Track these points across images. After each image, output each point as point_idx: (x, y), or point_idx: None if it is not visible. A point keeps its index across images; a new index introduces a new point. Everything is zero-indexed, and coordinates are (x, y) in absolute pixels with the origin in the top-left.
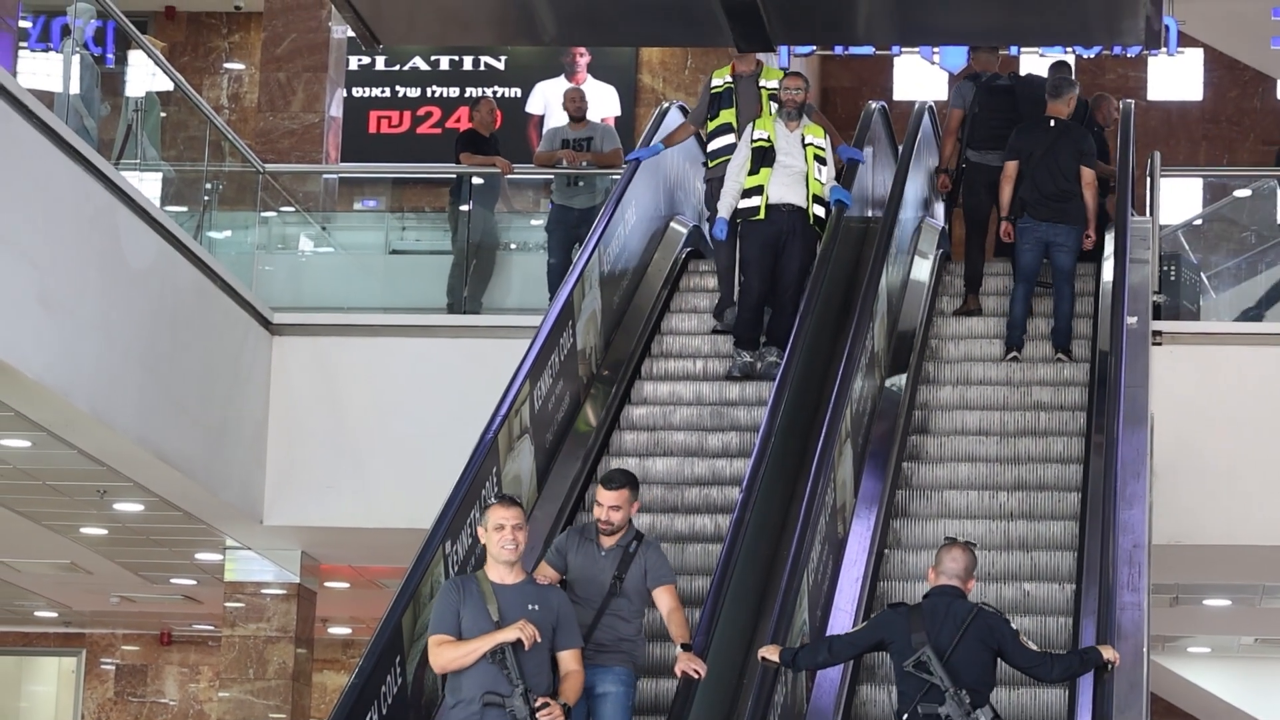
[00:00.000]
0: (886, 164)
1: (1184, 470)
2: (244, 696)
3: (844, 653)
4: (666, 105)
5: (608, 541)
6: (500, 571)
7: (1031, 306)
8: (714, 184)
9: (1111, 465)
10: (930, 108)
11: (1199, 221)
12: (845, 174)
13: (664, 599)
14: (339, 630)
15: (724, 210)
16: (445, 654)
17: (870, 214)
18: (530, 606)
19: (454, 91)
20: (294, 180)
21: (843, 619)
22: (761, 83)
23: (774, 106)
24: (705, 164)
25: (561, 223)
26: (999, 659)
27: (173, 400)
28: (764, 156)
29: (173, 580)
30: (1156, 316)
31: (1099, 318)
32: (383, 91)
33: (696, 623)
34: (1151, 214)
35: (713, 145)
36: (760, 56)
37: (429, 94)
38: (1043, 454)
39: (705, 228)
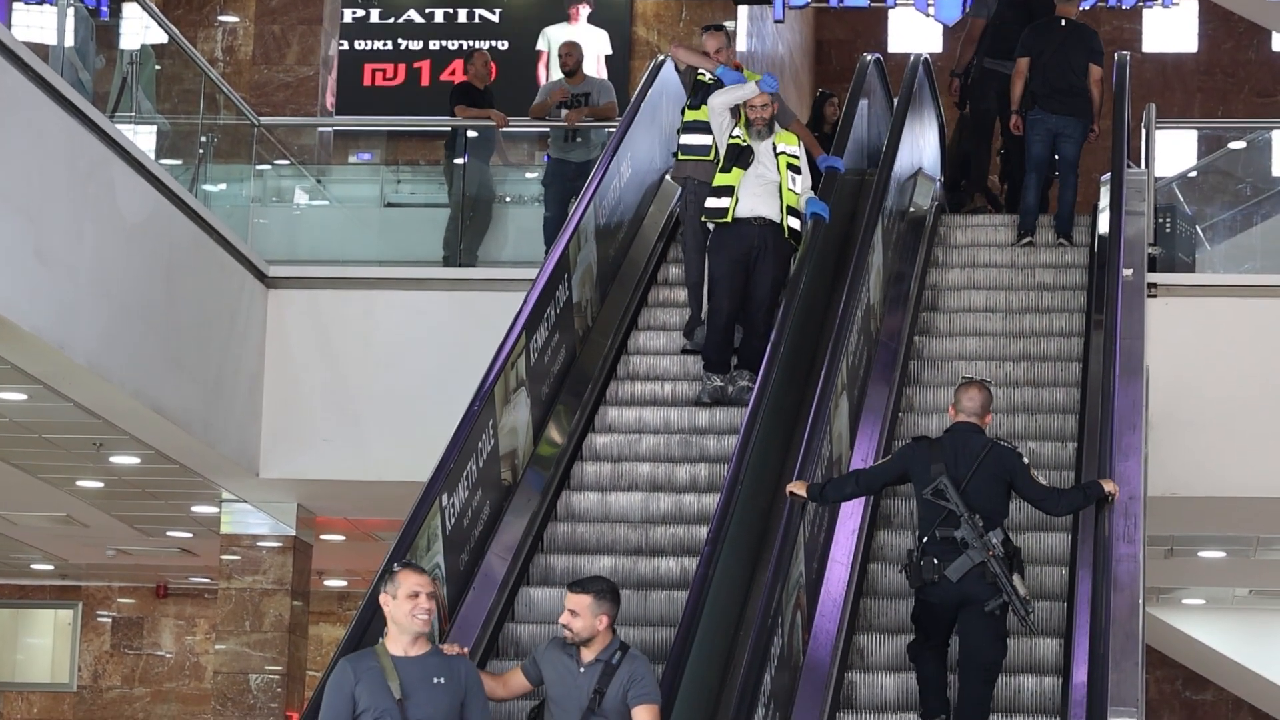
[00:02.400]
0: (882, 117)
1: (1179, 422)
2: (240, 649)
3: (870, 484)
4: (661, 57)
5: (587, 655)
6: (403, 643)
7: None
8: (682, 182)
9: (1107, 417)
10: (925, 60)
11: (1194, 174)
12: (823, 185)
13: (641, 718)
14: (335, 583)
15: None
16: None
17: (865, 167)
18: (435, 680)
19: (449, 44)
20: (289, 133)
21: (839, 570)
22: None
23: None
24: (674, 155)
25: (558, 176)
26: (1011, 491)
27: (168, 353)
28: (739, 156)
29: (169, 533)
30: (1152, 269)
31: (1094, 269)
32: (379, 44)
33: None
34: (1147, 166)
35: (685, 139)
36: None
37: (424, 47)
38: (1045, 329)
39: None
